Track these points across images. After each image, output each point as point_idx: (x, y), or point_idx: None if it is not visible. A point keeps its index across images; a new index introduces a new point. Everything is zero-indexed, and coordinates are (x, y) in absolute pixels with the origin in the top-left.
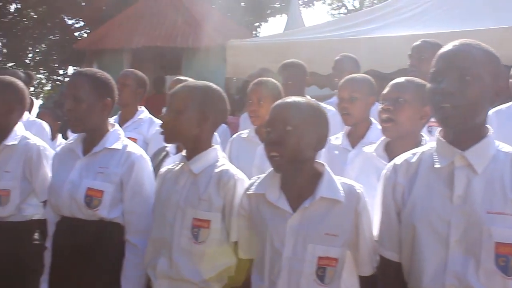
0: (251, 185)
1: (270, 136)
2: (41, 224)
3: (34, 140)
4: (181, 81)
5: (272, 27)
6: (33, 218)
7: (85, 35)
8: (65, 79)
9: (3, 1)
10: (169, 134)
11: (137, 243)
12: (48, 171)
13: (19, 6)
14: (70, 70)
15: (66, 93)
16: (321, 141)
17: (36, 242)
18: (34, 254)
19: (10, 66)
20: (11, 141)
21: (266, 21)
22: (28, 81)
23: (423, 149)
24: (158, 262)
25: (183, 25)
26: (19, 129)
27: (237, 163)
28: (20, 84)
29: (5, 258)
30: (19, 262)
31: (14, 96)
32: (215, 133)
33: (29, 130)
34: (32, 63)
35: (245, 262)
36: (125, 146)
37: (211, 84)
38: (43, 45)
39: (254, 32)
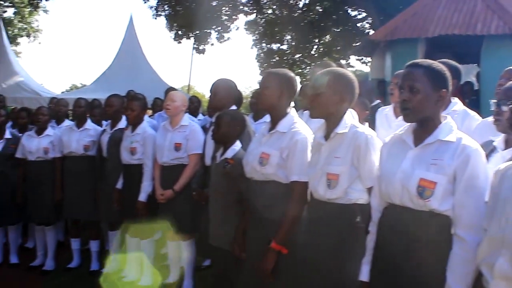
0: None
1: None
2: (363, 209)
3: (363, 129)
4: None
5: None
6: (357, 203)
7: (367, 25)
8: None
9: None
10: None
11: (466, 238)
12: (375, 159)
13: (307, 1)
14: (353, 60)
15: (402, 83)
16: None
17: (358, 225)
18: (356, 236)
19: (297, 58)
20: (341, 129)
21: None
22: None
23: None
24: (497, 262)
25: (484, 10)
26: (348, 118)
27: None
28: (351, 75)
29: (329, 236)
30: (341, 242)
31: (345, 87)
32: None
33: None
34: (316, 54)
35: None
36: (459, 139)
37: None
38: (327, 36)
39: None
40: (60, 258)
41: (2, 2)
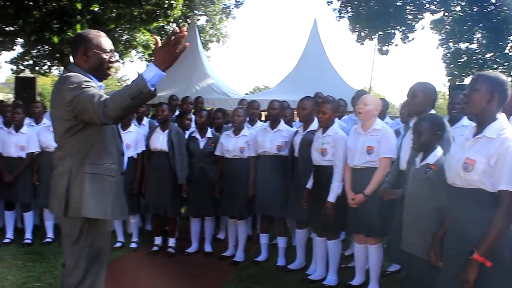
0: None
1: None
2: None
3: None
4: None
5: None
6: None
7: None
8: None
9: None
10: None
11: None
12: None
13: None
14: None
15: None
16: None
17: None
18: None
19: (488, 57)
20: None
21: None
22: None
23: None
24: None
25: None
26: None
27: None
28: None
29: None
30: None
31: None
32: None
33: None
34: (510, 53)
35: None
36: None
37: None
38: None
39: None
40: (248, 251)
41: (196, 12)
